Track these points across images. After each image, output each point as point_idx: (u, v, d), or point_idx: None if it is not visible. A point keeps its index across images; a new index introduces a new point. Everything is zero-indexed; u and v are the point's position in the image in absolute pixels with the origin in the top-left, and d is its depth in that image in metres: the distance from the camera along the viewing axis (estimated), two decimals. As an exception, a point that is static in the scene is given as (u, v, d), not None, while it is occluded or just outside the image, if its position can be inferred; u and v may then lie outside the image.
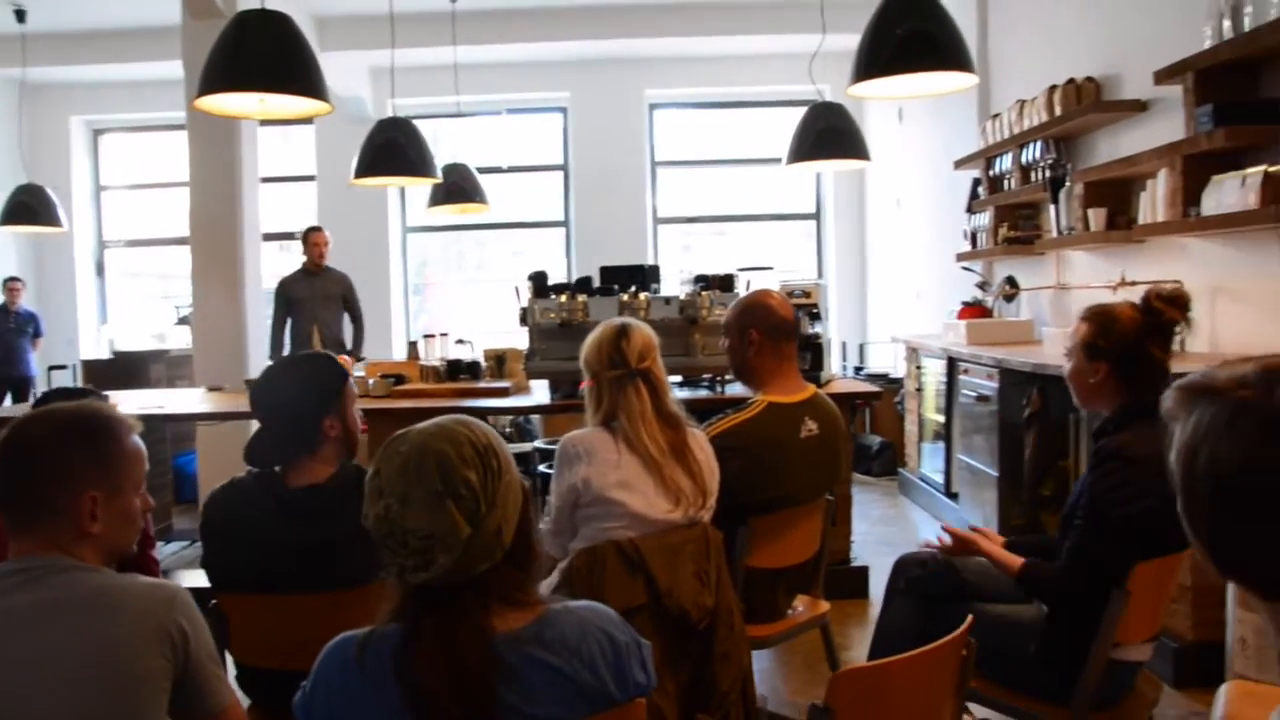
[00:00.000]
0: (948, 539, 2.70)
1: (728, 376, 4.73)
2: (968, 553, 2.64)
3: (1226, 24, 3.95)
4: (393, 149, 5.34)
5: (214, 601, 2.09)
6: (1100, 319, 2.46)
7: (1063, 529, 2.48)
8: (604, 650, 1.43)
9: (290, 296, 7.02)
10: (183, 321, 8.35)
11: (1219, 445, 0.98)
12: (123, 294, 9.90)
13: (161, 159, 9.67)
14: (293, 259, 9.50)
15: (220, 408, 5.03)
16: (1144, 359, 2.40)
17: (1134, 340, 2.40)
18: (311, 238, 7.10)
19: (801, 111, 5.06)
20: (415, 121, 5.53)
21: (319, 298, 7.02)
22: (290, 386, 2.18)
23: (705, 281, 4.78)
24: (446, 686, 1.30)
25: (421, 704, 1.31)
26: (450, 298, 10.08)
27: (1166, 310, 2.40)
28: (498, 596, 1.39)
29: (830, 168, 6.18)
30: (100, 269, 9.75)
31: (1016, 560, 2.46)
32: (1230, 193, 3.86)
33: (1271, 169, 3.67)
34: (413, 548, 1.34)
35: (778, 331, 3.00)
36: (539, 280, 4.76)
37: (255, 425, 2.29)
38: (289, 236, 9.47)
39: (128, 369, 7.46)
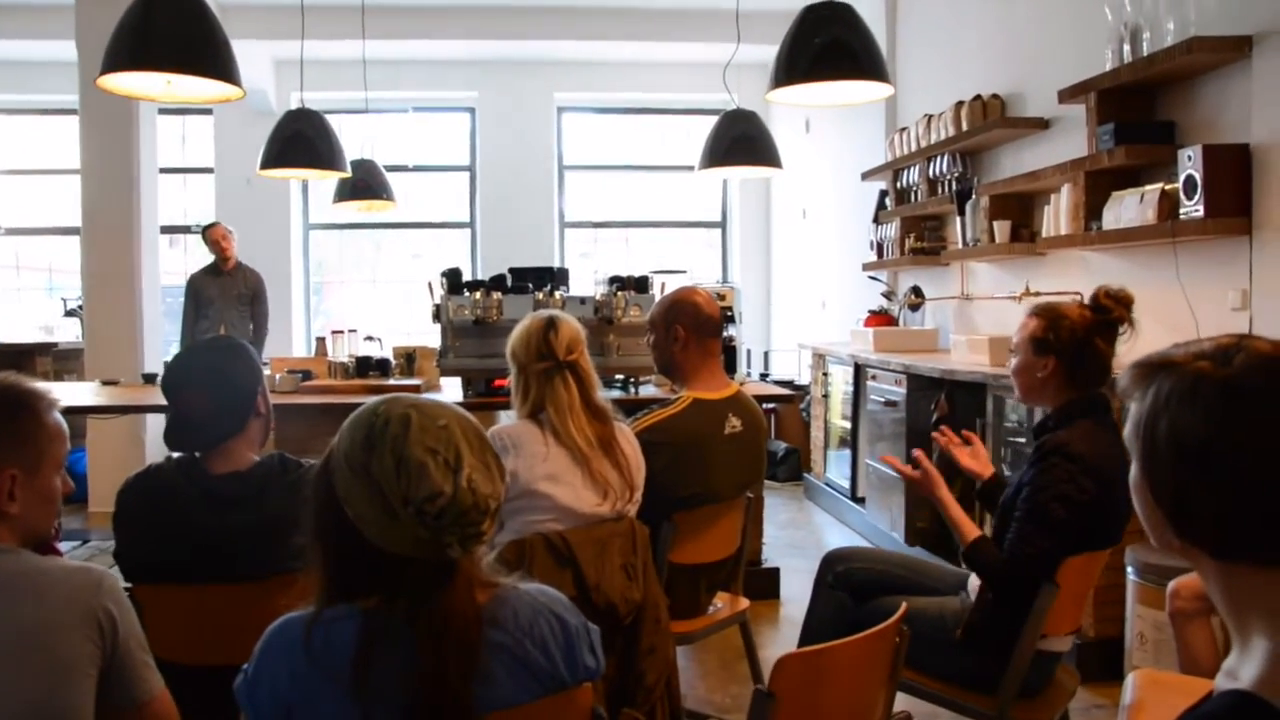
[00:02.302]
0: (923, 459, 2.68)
1: (643, 378, 4.74)
2: (928, 490, 2.63)
3: (1126, 48, 4.13)
4: (301, 141, 5.21)
5: (128, 593, 2.00)
6: (1050, 314, 2.53)
7: (1000, 518, 2.53)
8: (555, 632, 1.42)
9: (199, 295, 6.83)
10: (71, 314, 8.00)
11: (1181, 412, 1.03)
12: (2, 285, 9.43)
13: (45, 144, 9.25)
14: (184, 255, 9.24)
15: (115, 402, 4.82)
16: (1091, 354, 2.47)
17: (1083, 335, 2.47)
18: (210, 235, 6.89)
19: (709, 120, 5.11)
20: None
21: (228, 298, 6.84)
22: (224, 361, 2.10)
23: (620, 283, 4.78)
24: (446, 664, 1.28)
25: (386, 686, 1.29)
26: (348, 299, 9.89)
27: (1115, 308, 2.47)
28: (476, 571, 1.38)
29: (742, 174, 6.24)
30: (-23, 258, 9.29)
31: (972, 529, 2.49)
32: (1129, 208, 4.03)
33: (1168, 187, 3.84)
34: (488, 513, 1.33)
35: (704, 328, 3.02)
36: (453, 277, 4.69)
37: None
38: (185, 230, 9.18)
39: (11, 362, 7.09)
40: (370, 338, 5.69)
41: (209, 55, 3.50)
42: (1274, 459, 0.99)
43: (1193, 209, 3.65)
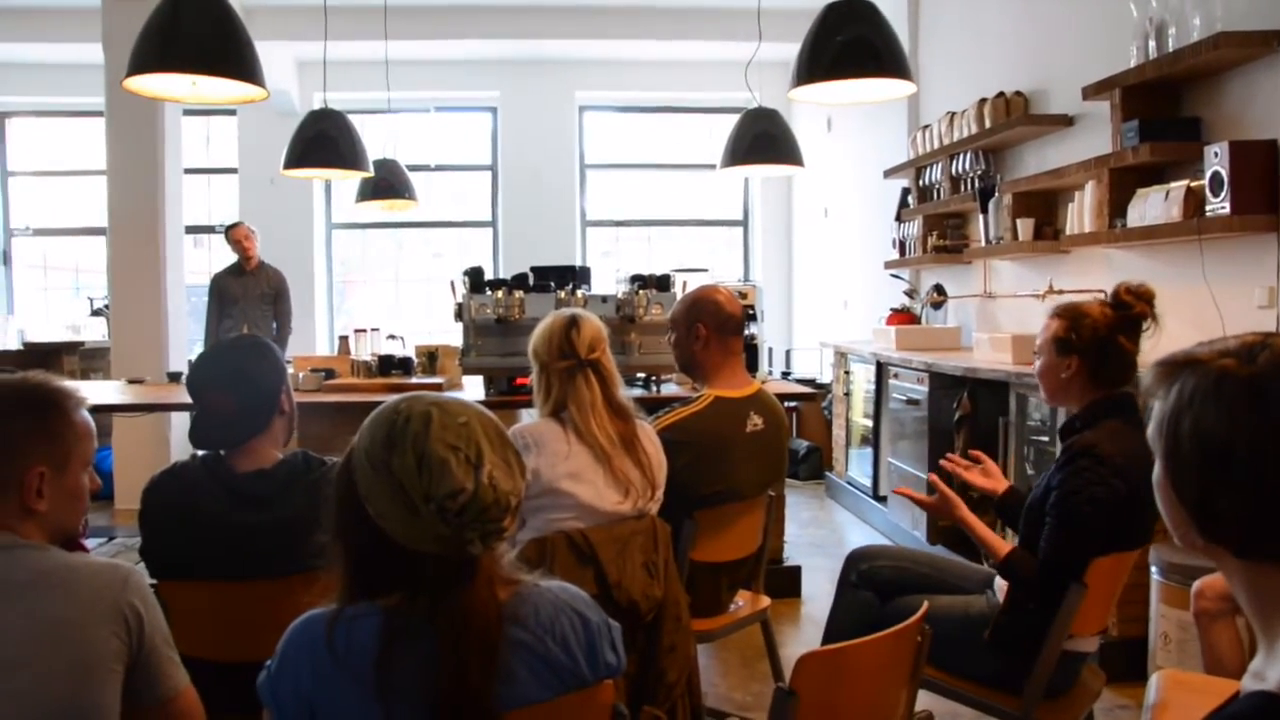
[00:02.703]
0: (936, 482, 2.69)
1: (665, 376, 4.74)
2: (947, 514, 2.62)
3: (1152, 43, 4.09)
4: (324, 141, 5.23)
5: (154, 590, 2.02)
6: (1071, 314, 2.50)
7: (1028, 520, 2.51)
8: (576, 629, 1.42)
9: (223, 295, 6.89)
10: (97, 313, 8.08)
11: (1205, 410, 1.02)
12: (30, 285, 9.54)
13: (72, 146, 9.36)
14: (209, 254, 9.31)
15: (141, 400, 4.86)
16: (1114, 352, 2.44)
17: (1105, 334, 2.44)
18: (233, 235, 6.94)
19: (731, 119, 5.10)
20: (340, 116, 5.43)
21: (251, 297, 6.89)
22: (248, 360, 2.11)
23: (641, 281, 4.78)
24: (466, 662, 1.29)
25: (408, 684, 1.29)
26: (370, 298, 9.93)
27: (1136, 304, 2.45)
28: (497, 569, 1.38)
29: (764, 173, 6.24)
30: (6, 258, 9.38)
31: (1002, 545, 2.48)
32: (1154, 206, 3.99)
33: (1193, 184, 3.81)
34: (509, 509, 1.34)
35: (725, 326, 3.02)
36: (475, 276, 4.71)
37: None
38: (209, 230, 9.25)
39: (38, 361, 7.17)
40: (393, 336, 5.73)
41: (233, 57, 3.53)
42: None
43: (1219, 206, 3.62)
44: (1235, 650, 2.80)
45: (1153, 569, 3.41)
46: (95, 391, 5.18)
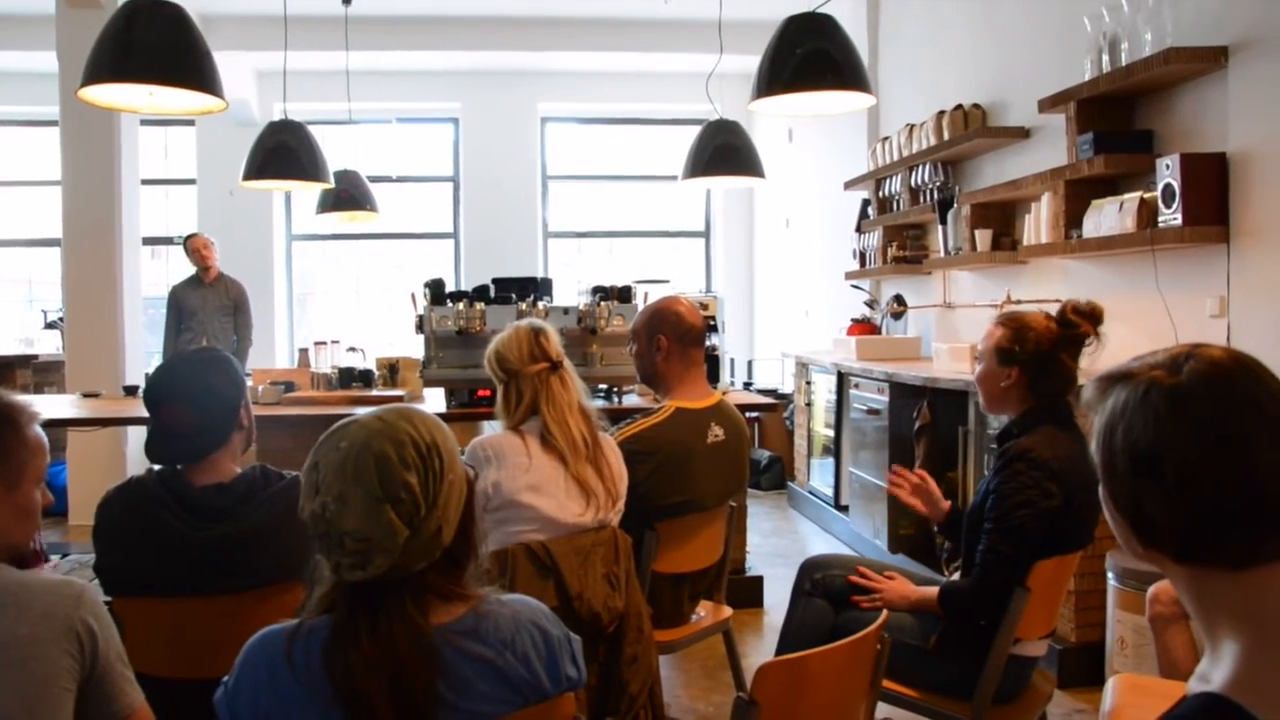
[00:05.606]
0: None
1: (626, 387, 4.74)
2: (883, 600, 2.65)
3: (1105, 58, 4.16)
4: (284, 152, 5.21)
5: (108, 607, 1.98)
6: (1015, 325, 2.53)
7: (968, 528, 2.54)
8: (536, 644, 1.42)
9: (181, 307, 6.81)
10: (51, 326, 7.95)
11: (1134, 420, 1.06)
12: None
13: (26, 155, 9.22)
14: (166, 266, 9.20)
15: (96, 414, 4.79)
16: (1054, 367, 2.49)
17: (1047, 349, 2.48)
18: (191, 244, 6.86)
19: (693, 130, 5.13)
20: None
21: (210, 309, 6.81)
22: (206, 373, 2.08)
23: (603, 292, 4.78)
24: (383, 684, 1.27)
25: (354, 699, 1.27)
26: (330, 310, 9.86)
27: (1081, 324, 2.48)
28: (434, 591, 1.36)
29: (725, 184, 6.27)
30: (-43, 270, 9.23)
31: (932, 591, 2.52)
32: (1109, 217, 4.06)
33: (1147, 195, 3.88)
34: (349, 548, 1.30)
35: (686, 337, 3.02)
36: (436, 288, 4.69)
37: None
38: (167, 241, 9.15)
39: (-10, 374, 7.07)
40: (353, 349, 5.68)
41: (191, 67, 3.49)
42: (1221, 462, 1.01)
43: (1171, 217, 3.68)
44: (1189, 654, 2.84)
45: (1109, 575, 3.46)
46: (49, 405, 5.10)
